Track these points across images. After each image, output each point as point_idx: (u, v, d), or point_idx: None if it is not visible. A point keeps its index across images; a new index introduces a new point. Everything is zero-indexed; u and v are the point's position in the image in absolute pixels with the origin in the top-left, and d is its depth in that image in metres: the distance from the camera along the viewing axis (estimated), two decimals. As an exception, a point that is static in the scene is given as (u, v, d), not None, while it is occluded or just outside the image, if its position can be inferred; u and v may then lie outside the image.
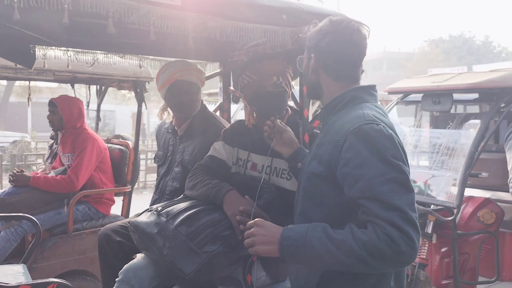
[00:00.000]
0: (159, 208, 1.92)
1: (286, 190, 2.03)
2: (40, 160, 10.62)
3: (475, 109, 5.58)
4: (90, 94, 4.13)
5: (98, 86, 4.16)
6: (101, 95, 4.15)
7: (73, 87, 4.09)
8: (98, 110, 4.25)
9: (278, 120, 1.94)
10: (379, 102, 1.57)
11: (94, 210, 3.47)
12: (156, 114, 3.92)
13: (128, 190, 3.67)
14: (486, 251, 3.73)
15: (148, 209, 2.02)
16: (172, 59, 2.73)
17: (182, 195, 2.10)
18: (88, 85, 4.16)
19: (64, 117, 3.47)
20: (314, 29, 1.59)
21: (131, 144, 3.77)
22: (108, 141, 3.93)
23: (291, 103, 2.35)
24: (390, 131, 1.37)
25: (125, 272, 1.95)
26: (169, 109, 2.58)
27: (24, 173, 3.34)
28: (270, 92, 2.06)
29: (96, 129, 4.12)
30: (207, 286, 1.83)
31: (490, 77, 3.49)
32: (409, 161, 1.41)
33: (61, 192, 3.33)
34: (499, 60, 26.98)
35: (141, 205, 2.81)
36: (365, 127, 1.35)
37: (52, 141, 3.97)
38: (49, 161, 3.80)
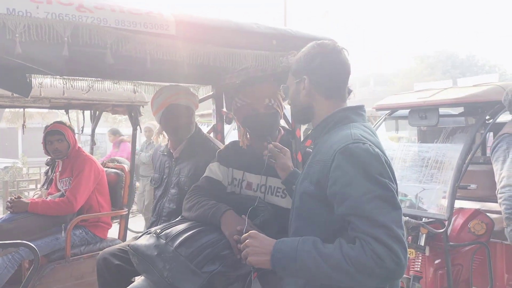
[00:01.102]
0: (158, 231, 1.97)
1: (282, 208, 2.09)
2: (32, 186, 10.56)
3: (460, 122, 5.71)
4: (84, 119, 4.18)
5: (92, 111, 4.22)
6: (95, 120, 4.21)
7: (67, 112, 4.14)
8: (92, 135, 4.30)
9: (270, 145, 2.01)
10: (367, 122, 1.65)
11: (91, 235, 3.49)
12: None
13: (124, 213, 3.70)
14: (478, 262, 3.79)
15: (147, 231, 2.07)
16: (166, 84, 2.81)
17: (180, 217, 2.15)
18: (82, 110, 4.21)
19: (71, 144, 3.53)
20: (300, 54, 1.67)
21: (126, 167, 3.82)
22: (103, 165, 3.97)
23: (283, 122, 2.43)
24: (377, 150, 1.43)
25: (126, 294, 1.98)
26: (164, 132, 2.65)
27: (22, 199, 3.36)
28: (263, 114, 2.14)
29: (91, 153, 4.16)
30: (207, 306, 1.87)
31: (473, 92, 3.61)
32: (400, 175, 1.47)
33: (60, 215, 3.35)
34: (483, 72, 27.48)
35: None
36: (352, 146, 1.42)
37: (48, 167, 4.00)
38: (45, 187, 3.83)
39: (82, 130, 4.17)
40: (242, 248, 1.57)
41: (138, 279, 2.05)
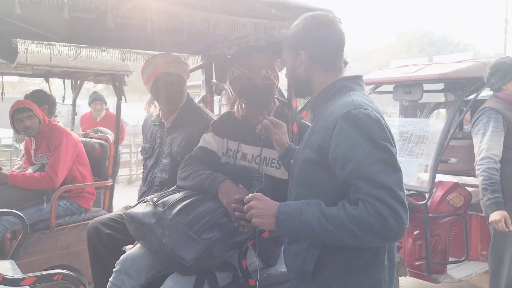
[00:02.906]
0: (155, 199, 1.97)
1: (277, 179, 2.12)
2: (6, 156, 10.31)
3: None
4: (65, 89, 4.07)
5: (73, 80, 4.12)
6: (76, 89, 4.11)
7: (47, 81, 4.03)
8: (73, 105, 4.21)
9: (265, 121, 2.01)
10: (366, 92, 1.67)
11: (76, 205, 3.45)
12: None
13: (109, 184, 3.66)
14: (455, 233, 3.95)
15: (142, 200, 2.07)
16: (155, 53, 2.76)
17: (175, 186, 2.15)
18: (63, 79, 4.10)
19: (41, 119, 3.42)
20: (294, 28, 1.66)
21: (111, 138, 3.76)
22: (86, 135, 3.90)
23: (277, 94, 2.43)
24: (377, 115, 1.46)
25: (122, 262, 1.99)
26: (155, 102, 2.61)
27: (2, 170, 3.28)
28: (260, 85, 2.13)
29: (73, 123, 4.08)
30: (205, 273, 1.90)
31: (457, 68, 3.69)
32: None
33: (41, 189, 3.30)
34: (457, 51, 27.95)
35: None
36: (354, 111, 1.44)
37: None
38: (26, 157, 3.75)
39: (63, 100, 4.06)
40: (246, 210, 1.58)
41: (135, 248, 2.06)
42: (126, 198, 4.17)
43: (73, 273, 3.20)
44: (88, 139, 3.79)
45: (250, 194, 1.61)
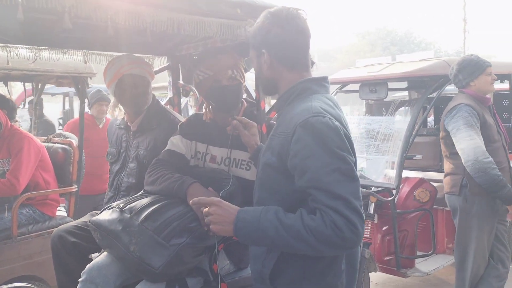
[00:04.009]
0: (121, 205, 1.91)
1: (246, 180, 2.09)
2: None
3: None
4: (25, 92, 3.92)
5: (33, 83, 3.97)
6: (37, 93, 3.96)
7: (6, 85, 3.87)
8: (35, 109, 4.06)
9: (234, 122, 1.99)
10: (330, 93, 1.66)
11: (39, 213, 3.32)
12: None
13: (74, 190, 3.55)
14: (421, 227, 4.04)
15: (108, 206, 2.00)
16: (118, 54, 2.69)
17: (142, 191, 2.10)
18: (23, 83, 3.95)
19: (2, 123, 3.27)
20: (255, 26, 1.62)
21: (74, 142, 3.64)
22: (49, 140, 3.77)
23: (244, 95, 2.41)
24: (336, 123, 1.44)
25: (88, 272, 1.92)
26: (120, 105, 2.54)
27: (-41, 177, 3.13)
28: (226, 87, 2.10)
29: (35, 128, 3.93)
30: (175, 279, 1.86)
31: (421, 66, 3.78)
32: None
33: (1, 197, 3.16)
34: (419, 49, 28.72)
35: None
36: (312, 119, 1.43)
37: None
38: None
39: (24, 104, 3.90)
40: (205, 215, 1.55)
41: (101, 256, 1.99)
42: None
43: (35, 284, 3.13)
44: (50, 144, 3.66)
45: (209, 198, 1.58)
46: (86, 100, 3.63)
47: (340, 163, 1.40)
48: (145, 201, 1.91)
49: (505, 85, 4.65)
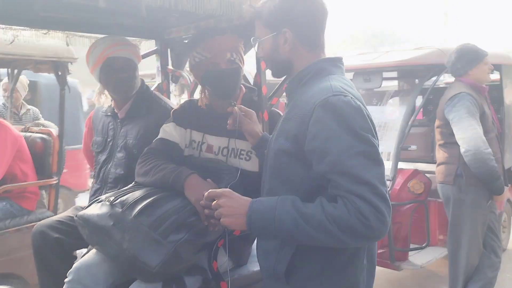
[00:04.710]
0: (111, 198, 1.74)
1: (246, 171, 1.95)
2: None
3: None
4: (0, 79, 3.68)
5: (9, 69, 3.73)
6: (13, 79, 3.72)
7: (-21, 70, 3.62)
8: (11, 97, 3.81)
9: (235, 108, 1.83)
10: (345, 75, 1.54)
11: (17, 207, 3.11)
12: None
13: (54, 182, 3.34)
14: (415, 219, 3.97)
15: (96, 200, 1.83)
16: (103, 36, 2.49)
17: (133, 183, 1.93)
18: (-3, 68, 3.70)
19: None
20: (271, 3, 1.48)
21: (54, 132, 3.43)
22: (26, 129, 3.54)
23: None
24: (358, 103, 1.33)
25: (75, 271, 1.75)
26: (106, 91, 2.36)
27: None
28: (225, 70, 1.95)
29: (11, 117, 3.70)
30: (172, 278, 1.71)
31: (417, 55, 3.68)
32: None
33: (-25, 190, 2.94)
34: (400, 42, 28.92)
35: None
36: (333, 99, 1.31)
37: None
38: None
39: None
40: (214, 208, 1.40)
41: (89, 254, 1.82)
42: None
43: (13, 283, 2.94)
44: (28, 134, 3.44)
45: (219, 190, 1.43)
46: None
47: (365, 145, 1.27)
48: (138, 193, 1.75)
49: (496, 76, 4.62)
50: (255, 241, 2.06)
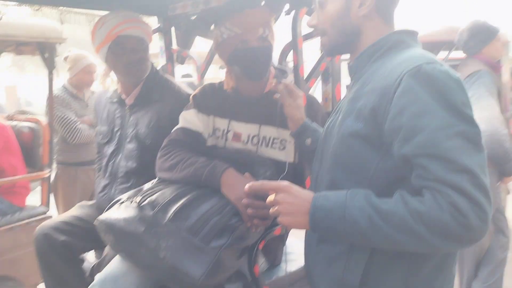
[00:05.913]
0: (137, 199, 1.51)
1: (280, 162, 1.74)
2: None
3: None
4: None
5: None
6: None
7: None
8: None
9: (280, 85, 1.60)
10: None
11: (7, 203, 2.83)
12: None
13: (46, 175, 3.07)
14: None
15: (118, 200, 1.60)
16: (101, 14, 2.22)
17: (156, 179, 1.71)
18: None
19: None
20: None
21: (43, 120, 3.13)
22: (11, 118, 3.23)
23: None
24: (458, 75, 1.09)
25: (100, 284, 1.52)
26: (112, 73, 2.10)
27: None
28: (256, 48, 1.72)
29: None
30: None
31: (426, 32, 3.53)
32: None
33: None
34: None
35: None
36: (427, 67, 1.05)
37: None
38: None
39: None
40: (270, 203, 1.17)
41: (114, 263, 1.58)
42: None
43: (7, 286, 2.69)
44: (14, 123, 3.13)
45: (275, 183, 1.20)
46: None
47: (466, 125, 1.02)
48: (168, 192, 1.52)
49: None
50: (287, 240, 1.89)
